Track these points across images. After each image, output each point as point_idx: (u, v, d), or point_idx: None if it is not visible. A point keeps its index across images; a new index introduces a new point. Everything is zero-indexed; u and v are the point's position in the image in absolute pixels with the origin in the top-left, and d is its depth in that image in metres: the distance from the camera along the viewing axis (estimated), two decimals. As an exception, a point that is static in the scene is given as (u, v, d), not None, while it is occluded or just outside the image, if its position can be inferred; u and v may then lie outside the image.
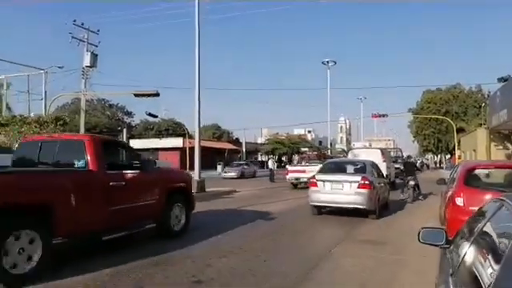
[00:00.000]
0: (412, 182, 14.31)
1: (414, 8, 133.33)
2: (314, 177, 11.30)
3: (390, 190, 13.52)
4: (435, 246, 2.90)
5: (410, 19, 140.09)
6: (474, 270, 1.71)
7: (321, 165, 18.51)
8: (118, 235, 6.53)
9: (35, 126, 9.36)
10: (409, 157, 32.96)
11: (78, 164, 6.28)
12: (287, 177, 21.49)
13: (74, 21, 25.60)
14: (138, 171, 6.85)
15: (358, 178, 10.26)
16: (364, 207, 10.08)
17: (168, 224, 7.63)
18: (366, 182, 10.11)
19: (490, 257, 1.61)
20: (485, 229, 1.98)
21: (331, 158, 28.57)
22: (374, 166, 12.26)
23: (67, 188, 5.55)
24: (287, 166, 24.94)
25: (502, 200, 2.10)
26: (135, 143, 43.48)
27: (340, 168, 11.50)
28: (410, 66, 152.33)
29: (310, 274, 5.41)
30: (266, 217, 10.70)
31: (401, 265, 6.00)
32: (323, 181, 10.61)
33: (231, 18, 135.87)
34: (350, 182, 10.25)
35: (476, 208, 4.95)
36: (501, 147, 25.87)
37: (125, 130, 40.10)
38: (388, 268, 5.82)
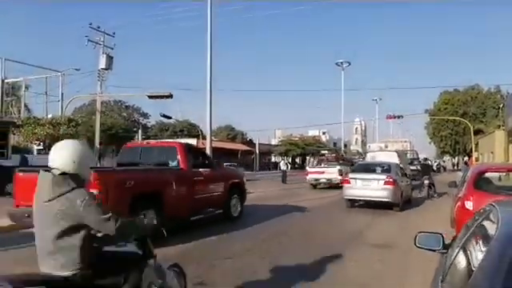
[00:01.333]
0: (427, 182, 16.20)
1: (430, 8, 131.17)
2: (347, 175, 13.46)
3: (408, 191, 15.45)
4: (432, 250, 2.85)
5: (425, 19, 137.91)
6: (457, 276, 1.68)
7: (339, 166, 21.33)
8: (199, 217, 8.76)
9: (48, 127, 9.56)
10: (425, 159, 34.38)
11: (172, 164, 8.32)
12: (307, 177, 22.37)
13: (90, 24, 26.15)
14: (210, 169, 8.98)
15: (384, 176, 12.16)
16: (388, 200, 11.86)
17: (230, 211, 9.70)
18: (391, 180, 11.94)
19: (470, 263, 1.58)
20: (471, 236, 1.94)
21: (349, 160, 28.69)
22: (398, 167, 14.20)
23: (170, 181, 7.64)
24: (307, 168, 25.89)
25: (492, 206, 2.05)
26: (150, 144, 44.06)
27: (369, 169, 13.46)
28: (427, 66, 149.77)
29: (313, 277, 5.37)
30: (281, 216, 10.78)
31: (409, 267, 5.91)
32: (355, 179, 12.60)
33: (244, 20, 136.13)
34: (378, 179, 12.14)
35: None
36: (519, 149, 25.22)
37: (140, 131, 40.65)
38: (394, 271, 5.75)
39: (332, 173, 21.04)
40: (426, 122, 60.15)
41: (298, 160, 68.26)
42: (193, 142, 42.39)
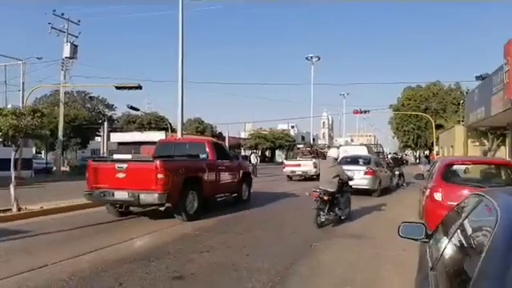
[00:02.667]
0: (397, 173, 18.64)
1: (396, 6, 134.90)
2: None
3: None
4: (415, 240, 2.94)
5: (392, 17, 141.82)
6: (454, 263, 1.74)
7: (314, 160, 23.12)
8: (222, 198, 11.49)
9: (12, 118, 9.04)
10: (395, 153, 37.68)
11: (202, 156, 10.31)
12: (284, 170, 23.61)
13: (54, 11, 24.94)
14: (228, 161, 11.28)
15: (364, 167, 14.26)
16: (368, 187, 13.99)
17: (241, 195, 11.83)
18: (370, 170, 14.17)
19: (469, 251, 1.64)
20: (464, 224, 2.02)
21: (322, 153, 29.36)
22: (377, 160, 16.78)
23: (204, 169, 9.81)
24: (284, 161, 27.03)
25: (480, 195, 2.14)
26: (116, 137, 42.68)
27: (352, 161, 15.37)
28: (392, 62, 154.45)
29: (291, 269, 5.43)
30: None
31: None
32: None
33: (216, 12, 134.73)
34: (359, 170, 14.04)
35: (454, 203, 5.06)
36: (477, 143, 26.56)
37: (105, 123, 39.31)
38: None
39: (307, 165, 21.85)
40: (391, 116, 62.10)
41: (267, 153, 68.60)
42: (161, 135, 41.70)
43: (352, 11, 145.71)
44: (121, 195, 8.48)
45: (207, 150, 10.43)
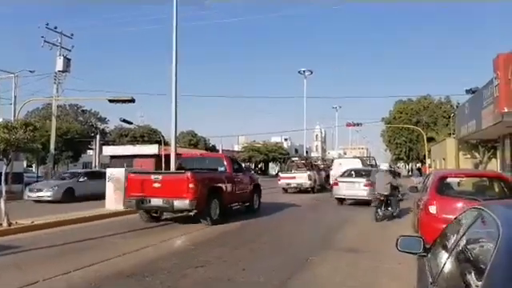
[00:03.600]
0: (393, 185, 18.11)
1: (389, 16, 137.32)
2: (336, 179, 16.73)
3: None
4: (413, 254, 2.93)
5: (385, 32, 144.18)
6: (456, 278, 1.74)
7: (308, 172, 23.50)
8: (236, 207, 12.42)
9: (4, 132, 8.95)
10: (390, 166, 38.00)
11: (221, 169, 11.68)
12: (279, 182, 23.65)
13: (47, 24, 24.96)
14: (242, 173, 12.68)
15: (364, 179, 15.30)
16: (367, 198, 14.58)
17: (253, 205, 13.01)
18: (369, 182, 14.87)
19: (471, 266, 1.64)
20: (464, 238, 2.02)
21: (317, 165, 29.42)
22: (376, 172, 17.47)
23: (224, 180, 11.11)
24: (279, 174, 26.87)
25: (479, 209, 2.15)
26: (108, 150, 42.34)
27: (352, 174, 16.57)
28: (384, 76, 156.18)
29: (288, 283, 5.38)
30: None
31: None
32: (342, 182, 15.88)
33: (208, 26, 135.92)
34: (359, 182, 15.28)
35: (449, 216, 5.10)
36: (469, 156, 26.80)
37: (98, 137, 39.02)
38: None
39: (302, 178, 21.87)
40: (383, 129, 62.56)
41: (260, 166, 68.50)
42: (154, 148, 41.49)
43: (344, 24, 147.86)
44: (156, 202, 9.80)
45: (225, 163, 11.86)
